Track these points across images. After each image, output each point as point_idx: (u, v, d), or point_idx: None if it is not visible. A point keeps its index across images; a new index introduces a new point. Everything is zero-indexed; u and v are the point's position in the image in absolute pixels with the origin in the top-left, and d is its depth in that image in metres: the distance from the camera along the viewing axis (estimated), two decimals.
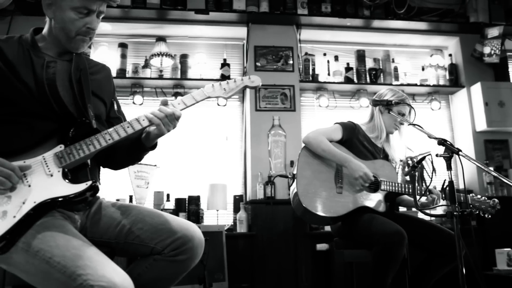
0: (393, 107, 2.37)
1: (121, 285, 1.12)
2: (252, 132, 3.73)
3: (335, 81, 4.00)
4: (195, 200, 3.48)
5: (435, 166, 3.68)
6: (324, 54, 4.11)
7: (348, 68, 4.05)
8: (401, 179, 2.51)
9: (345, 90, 4.13)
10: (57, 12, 1.43)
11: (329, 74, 4.04)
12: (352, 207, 2.32)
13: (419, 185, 2.45)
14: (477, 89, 4.03)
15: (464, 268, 1.65)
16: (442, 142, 1.80)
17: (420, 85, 4.14)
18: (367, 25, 4.07)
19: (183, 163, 3.78)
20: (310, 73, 3.99)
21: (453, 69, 4.24)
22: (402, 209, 3.16)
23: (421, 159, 2.20)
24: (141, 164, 3.22)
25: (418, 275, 2.31)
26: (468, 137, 4.06)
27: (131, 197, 3.41)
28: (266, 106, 3.79)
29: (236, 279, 3.21)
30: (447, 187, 1.75)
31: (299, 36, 4.00)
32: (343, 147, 2.46)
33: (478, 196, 2.40)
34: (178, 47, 4.00)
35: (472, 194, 2.42)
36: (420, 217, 2.67)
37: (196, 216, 3.44)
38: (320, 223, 3.18)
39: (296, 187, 2.32)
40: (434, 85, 4.16)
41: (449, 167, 1.76)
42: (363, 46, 4.22)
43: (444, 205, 2.37)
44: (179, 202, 3.47)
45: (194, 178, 3.74)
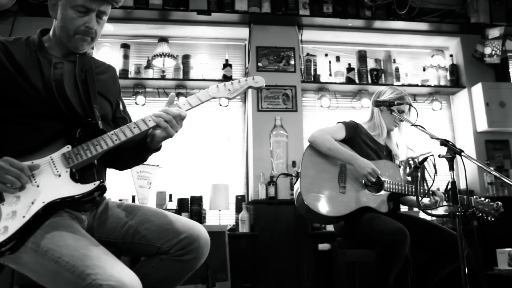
0: (393, 107, 2.39)
1: (130, 284, 1.13)
2: (254, 132, 3.74)
3: (337, 82, 4.01)
4: (197, 200, 3.49)
5: (437, 167, 3.68)
6: (326, 54, 4.11)
7: (350, 69, 4.06)
8: (403, 179, 2.52)
9: (346, 91, 4.14)
10: (59, 11, 1.45)
11: (330, 75, 4.04)
12: (355, 206, 2.34)
13: (421, 185, 2.46)
14: (478, 89, 4.04)
15: (467, 268, 1.66)
16: (445, 143, 1.82)
17: (421, 85, 4.14)
18: (369, 25, 4.08)
19: (185, 163, 3.79)
20: (312, 73, 4.00)
21: (454, 69, 4.25)
22: (404, 208, 3.17)
23: (424, 159, 2.20)
24: (143, 164, 3.18)
25: (420, 275, 2.32)
26: (469, 138, 4.07)
27: (133, 197, 3.42)
28: (268, 106, 3.80)
29: (238, 278, 3.22)
30: (450, 190, 1.76)
31: (301, 36, 4.01)
32: (346, 146, 2.48)
33: (481, 198, 2.41)
34: (180, 47, 4.00)
35: (476, 197, 2.43)
36: (421, 217, 2.68)
37: (199, 216, 3.45)
38: (323, 222, 3.20)
39: (300, 186, 2.34)
40: (435, 86, 4.17)
41: (452, 168, 1.78)
42: (364, 46, 4.23)
43: (446, 205, 2.39)
44: (182, 202, 3.47)
45: (197, 178, 3.75)
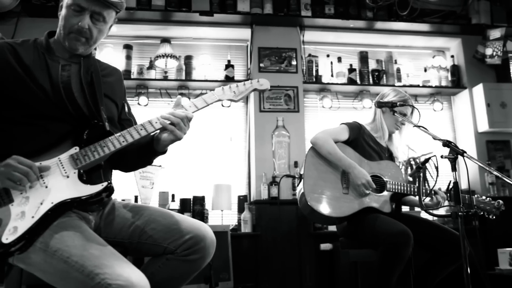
0: (396, 108, 2.40)
1: (138, 284, 1.15)
2: (256, 133, 3.75)
3: (338, 82, 4.02)
4: (200, 200, 3.51)
5: (438, 168, 3.70)
6: (327, 55, 4.13)
7: (351, 69, 4.08)
8: (405, 179, 2.54)
9: (348, 91, 4.16)
10: (60, 11, 1.49)
11: (332, 75, 4.06)
12: (358, 207, 2.35)
13: (423, 185, 2.47)
14: (479, 90, 4.05)
15: (469, 267, 1.67)
16: (447, 144, 1.83)
17: (423, 86, 4.16)
18: (370, 26, 4.10)
19: (188, 163, 3.81)
20: (314, 74, 4.01)
21: (455, 70, 4.26)
22: (405, 209, 3.18)
23: (426, 160, 2.21)
24: None
25: (422, 274, 2.33)
26: (470, 138, 4.09)
27: (136, 198, 3.44)
28: (270, 107, 3.81)
29: (241, 278, 3.23)
30: (451, 189, 1.77)
31: (303, 37, 4.03)
32: (349, 147, 2.49)
33: (482, 197, 2.42)
34: (182, 48, 4.02)
35: (477, 195, 2.44)
36: (423, 217, 2.69)
37: (201, 216, 3.46)
38: (326, 222, 3.21)
39: (303, 187, 2.34)
40: (436, 86, 4.18)
41: (454, 169, 1.79)
42: (366, 47, 4.24)
43: (448, 205, 2.40)
44: (184, 202, 3.49)
45: (199, 178, 3.77)
